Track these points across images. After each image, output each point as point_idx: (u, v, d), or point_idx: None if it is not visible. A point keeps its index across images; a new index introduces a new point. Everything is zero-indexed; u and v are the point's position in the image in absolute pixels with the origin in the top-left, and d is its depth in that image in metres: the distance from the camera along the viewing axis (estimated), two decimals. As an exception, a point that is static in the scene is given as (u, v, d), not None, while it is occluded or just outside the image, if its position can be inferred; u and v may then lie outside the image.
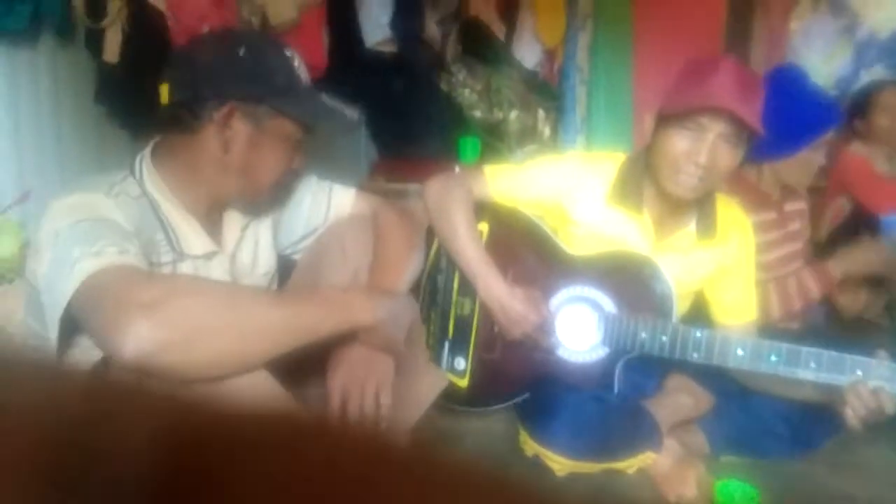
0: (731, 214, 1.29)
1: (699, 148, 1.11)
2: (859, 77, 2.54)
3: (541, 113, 2.50)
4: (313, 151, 1.01)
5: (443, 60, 2.44)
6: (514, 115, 2.45)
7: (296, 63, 0.91)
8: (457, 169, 2.18)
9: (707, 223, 1.24)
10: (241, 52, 0.87)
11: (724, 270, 1.28)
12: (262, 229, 1.03)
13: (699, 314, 1.33)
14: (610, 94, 2.51)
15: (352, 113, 0.97)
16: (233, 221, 0.99)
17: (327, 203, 1.10)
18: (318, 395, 0.90)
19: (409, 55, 2.34)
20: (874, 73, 2.53)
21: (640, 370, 1.26)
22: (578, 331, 1.25)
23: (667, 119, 1.14)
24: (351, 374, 0.87)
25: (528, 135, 2.48)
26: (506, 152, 2.45)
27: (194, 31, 1.77)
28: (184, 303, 0.70)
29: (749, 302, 1.31)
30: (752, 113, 1.09)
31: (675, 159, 1.13)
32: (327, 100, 0.96)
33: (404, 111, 2.38)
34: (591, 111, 2.52)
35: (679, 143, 1.12)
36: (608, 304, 1.22)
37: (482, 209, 1.33)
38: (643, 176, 1.23)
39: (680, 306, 1.27)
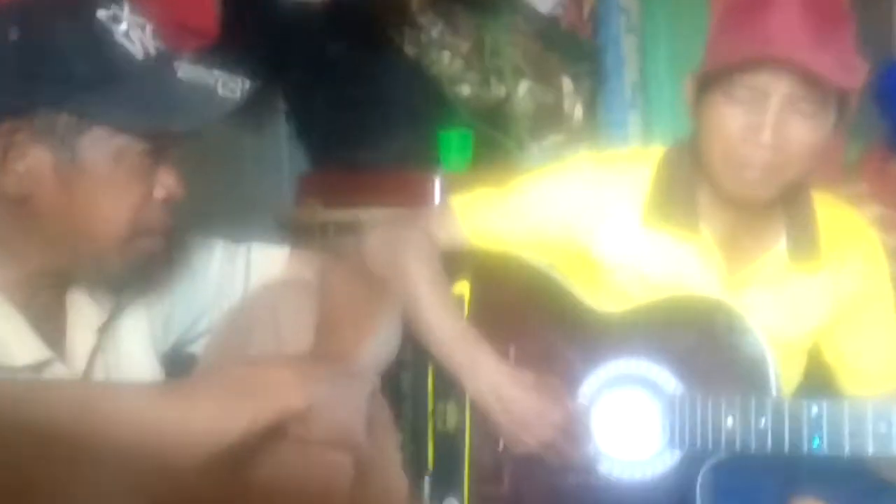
0: (844, 222, 1.40)
1: (759, 121, 1.21)
2: None
3: (567, 83, 2.61)
4: (200, 170, 1.08)
5: (406, 9, 2.54)
6: (523, 88, 2.56)
7: (124, 29, 0.92)
8: (437, 182, 2.29)
9: (804, 237, 1.35)
10: (13, 34, 0.89)
11: (845, 310, 1.38)
12: (131, 325, 1.10)
13: (818, 386, 1.44)
14: (676, 44, 2.66)
15: (237, 86, 1.01)
16: (82, 318, 1.02)
17: (245, 269, 1.20)
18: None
19: (351, 3, 2.46)
20: None
21: (739, 485, 1.31)
22: (629, 430, 1.31)
23: (710, 83, 1.25)
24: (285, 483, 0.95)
25: (549, 119, 2.60)
26: (514, 150, 2.54)
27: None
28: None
29: (890, 357, 1.40)
30: (830, 60, 1.19)
31: (728, 142, 1.24)
32: (199, 78, 0.97)
33: (348, 95, 2.48)
34: (648, 75, 2.66)
35: (730, 117, 1.24)
36: (670, 383, 1.30)
37: (458, 263, 1.42)
38: (693, 176, 1.34)
39: (786, 374, 1.35)
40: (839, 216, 1.40)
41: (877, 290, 1.40)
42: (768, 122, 1.20)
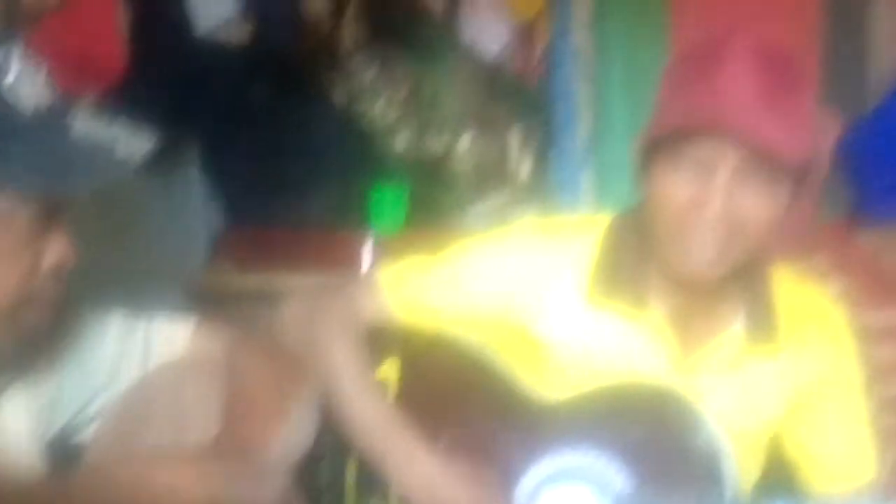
0: (806, 300, 1.43)
1: (707, 194, 1.25)
2: None
3: (514, 136, 2.66)
4: (97, 231, 1.11)
5: (335, 51, 2.58)
6: (465, 141, 2.60)
7: (11, 81, 0.96)
8: (367, 244, 2.32)
9: (761, 317, 1.38)
10: None
11: (807, 397, 1.42)
12: (10, 409, 1.10)
13: (780, 483, 1.47)
14: (635, 94, 2.64)
15: (139, 144, 1.02)
16: None
17: (144, 346, 1.21)
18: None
19: (275, 44, 2.51)
20: None
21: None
22: None
23: (657, 149, 1.29)
24: None
25: (493, 176, 2.64)
26: (454, 210, 2.58)
27: None
28: None
29: (858, 449, 1.44)
30: (784, 130, 1.23)
31: (675, 216, 1.27)
32: (96, 135, 1.01)
33: (269, 145, 2.53)
34: (603, 129, 2.67)
35: (676, 187, 1.27)
36: (617, 480, 1.31)
37: (385, 340, 1.44)
38: (642, 249, 1.37)
39: (744, 469, 1.37)
40: (801, 294, 1.44)
41: (842, 374, 1.43)
42: (716, 195, 1.24)
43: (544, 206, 2.62)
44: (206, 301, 2.29)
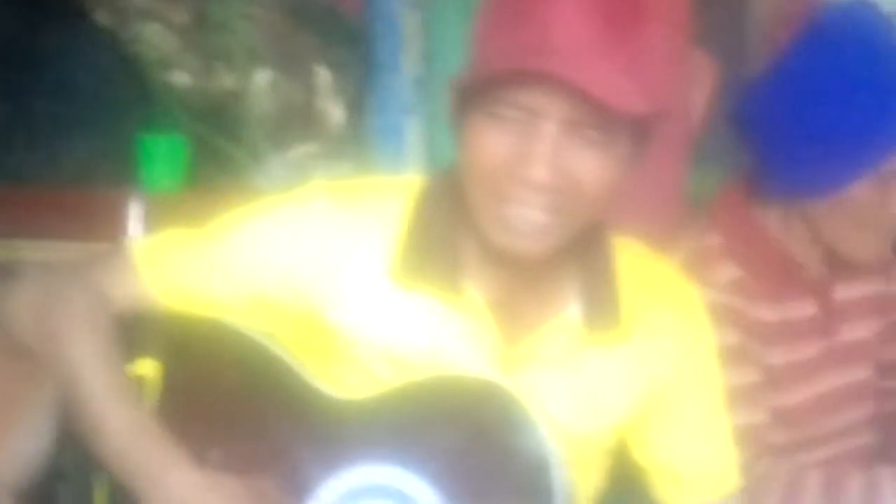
0: (655, 279, 1.47)
1: (530, 151, 1.24)
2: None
3: (323, 74, 2.63)
4: None
5: None
6: (262, 79, 2.56)
7: None
8: (134, 206, 2.30)
9: (601, 300, 1.40)
10: None
11: (658, 395, 1.45)
12: None
13: (627, 495, 1.53)
14: (472, 23, 2.69)
15: None
16: None
17: None
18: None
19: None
20: None
21: None
22: None
23: (473, 96, 1.27)
24: None
25: (297, 122, 2.63)
26: (247, 164, 2.56)
27: None
28: None
29: (718, 454, 1.49)
30: (625, 77, 1.23)
31: (491, 177, 1.27)
32: None
33: (13, 82, 2.45)
34: (435, 65, 2.68)
35: (493, 144, 1.26)
36: (426, 495, 1.32)
37: (141, 332, 1.43)
38: (457, 218, 1.37)
39: (581, 479, 1.41)
40: (649, 271, 1.47)
41: (699, 368, 1.47)
42: (541, 152, 1.23)
43: (359, 162, 2.63)
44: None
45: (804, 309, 1.78)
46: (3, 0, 2.46)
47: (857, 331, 1.86)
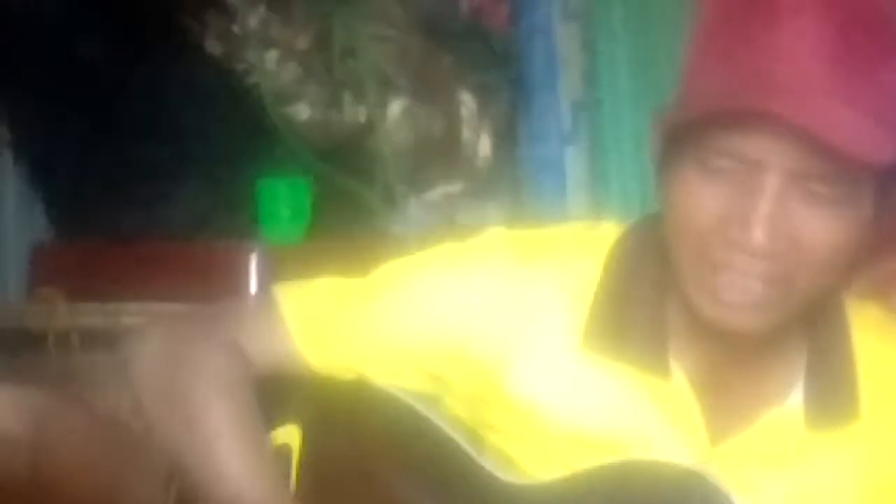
0: None
1: (749, 208, 1.17)
2: None
3: (467, 101, 2.62)
4: None
5: None
6: (396, 109, 2.57)
7: None
8: (253, 259, 2.29)
9: (831, 389, 1.32)
10: None
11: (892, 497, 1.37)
12: None
13: None
14: (644, 39, 2.63)
15: None
16: None
17: None
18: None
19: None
20: None
21: None
22: None
23: (681, 139, 1.22)
24: None
25: (438, 158, 2.61)
26: (380, 208, 2.58)
27: None
28: None
29: None
30: (864, 120, 1.15)
31: (703, 237, 1.21)
32: None
33: (110, 122, 2.47)
34: (601, 89, 2.65)
35: (705, 197, 1.20)
36: None
37: (283, 397, 1.40)
38: (663, 283, 1.32)
39: None
40: (892, 353, 1.37)
41: None
42: (762, 211, 1.16)
43: (512, 203, 2.62)
44: (22, 346, 2.27)
45: None
46: (97, 33, 2.48)
47: None
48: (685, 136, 1.20)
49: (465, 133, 2.60)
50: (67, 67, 2.46)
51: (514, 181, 2.62)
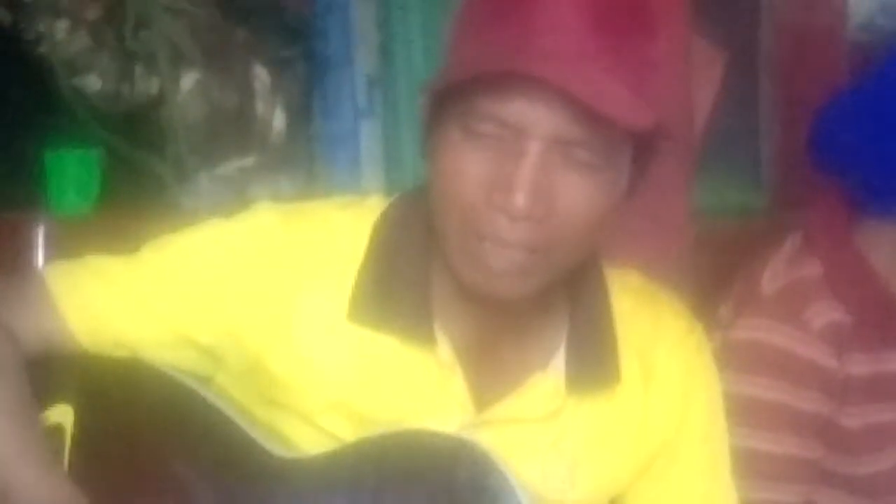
0: (657, 326, 1.49)
1: (511, 175, 1.24)
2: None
3: (262, 75, 2.65)
4: None
5: None
6: (189, 82, 2.59)
7: None
8: (39, 232, 2.31)
9: (590, 354, 1.42)
10: None
11: (653, 462, 1.48)
12: None
13: None
14: (438, 16, 2.62)
15: None
16: None
17: None
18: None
19: None
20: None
21: None
22: None
23: (446, 106, 1.29)
24: None
25: (231, 132, 2.63)
26: (171, 181, 2.58)
27: None
28: None
29: None
30: (625, 86, 1.24)
31: (468, 205, 1.27)
32: None
33: None
34: (395, 63, 2.69)
35: (470, 165, 1.27)
36: None
37: (56, 375, 1.45)
38: (428, 252, 1.40)
39: None
40: (648, 317, 1.49)
41: (700, 433, 1.51)
42: (524, 175, 1.23)
43: (305, 178, 2.66)
44: None
45: None
46: None
47: None
48: (450, 101, 1.26)
49: (259, 107, 2.62)
50: None
51: (308, 155, 2.65)
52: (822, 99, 1.94)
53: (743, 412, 1.59)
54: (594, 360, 1.42)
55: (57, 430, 1.45)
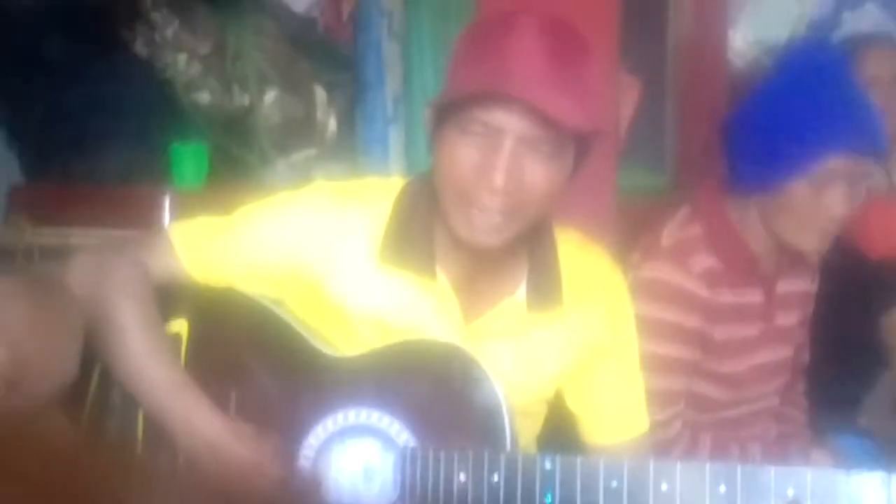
0: (589, 268, 1.51)
1: (492, 162, 1.28)
2: (841, 22, 2.94)
3: (320, 92, 2.67)
4: None
5: (137, 3, 2.53)
6: (271, 97, 2.61)
7: None
8: (166, 200, 2.32)
9: (543, 285, 1.44)
10: None
11: (586, 360, 1.50)
12: None
13: (560, 434, 1.56)
14: (441, 54, 2.60)
15: None
16: None
17: None
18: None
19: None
20: (863, 15, 2.92)
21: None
22: (360, 484, 1.39)
23: (447, 115, 1.32)
24: None
25: (299, 132, 2.64)
26: (257, 166, 2.59)
27: None
28: None
29: (632, 405, 1.54)
30: (569, 102, 1.27)
31: (460, 182, 1.31)
32: None
33: (67, 99, 2.47)
34: (412, 86, 2.70)
35: (462, 155, 1.30)
36: (402, 435, 1.37)
37: (175, 299, 1.47)
38: (431, 214, 1.41)
39: (525, 427, 1.46)
40: (584, 261, 1.50)
41: (620, 340, 1.53)
42: (501, 163, 1.27)
43: (351, 164, 2.65)
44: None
45: (753, 296, 1.82)
46: (55, 33, 2.47)
47: (788, 318, 1.90)
48: (450, 112, 1.29)
49: (319, 115, 2.63)
50: (38, 58, 2.45)
51: (352, 150, 2.67)
52: (710, 108, 1.92)
53: (647, 327, 1.61)
54: (546, 289, 1.44)
55: (176, 337, 1.48)
